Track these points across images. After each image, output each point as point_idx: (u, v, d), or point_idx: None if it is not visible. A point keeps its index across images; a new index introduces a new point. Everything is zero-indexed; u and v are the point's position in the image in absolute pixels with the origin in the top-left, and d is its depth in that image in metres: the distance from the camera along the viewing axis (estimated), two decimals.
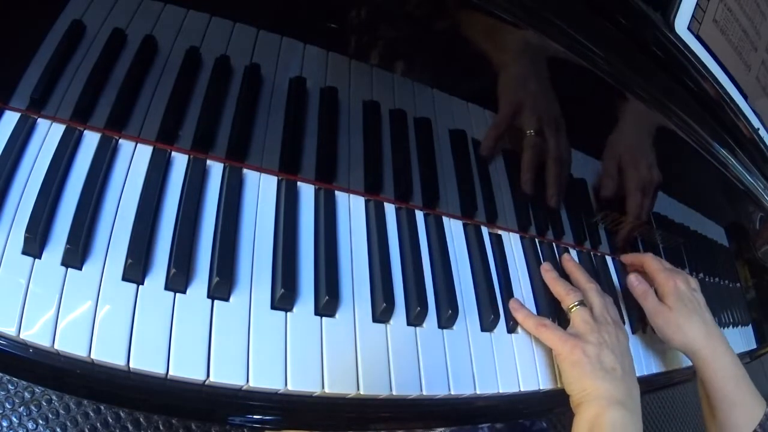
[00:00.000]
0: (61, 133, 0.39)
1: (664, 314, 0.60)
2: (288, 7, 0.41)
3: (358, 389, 0.40)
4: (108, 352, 0.33)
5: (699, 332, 0.59)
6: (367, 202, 0.50)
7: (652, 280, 0.63)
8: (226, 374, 0.36)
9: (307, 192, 0.47)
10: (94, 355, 0.33)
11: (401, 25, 0.42)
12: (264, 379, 0.37)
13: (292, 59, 0.43)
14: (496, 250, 0.56)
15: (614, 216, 0.65)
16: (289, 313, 0.40)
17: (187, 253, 0.38)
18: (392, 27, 0.42)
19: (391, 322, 0.45)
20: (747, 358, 0.94)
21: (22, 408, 0.85)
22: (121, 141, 0.41)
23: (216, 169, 0.44)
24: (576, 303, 0.54)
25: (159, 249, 0.38)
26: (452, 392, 0.44)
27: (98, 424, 0.89)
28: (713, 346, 0.59)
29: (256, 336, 0.38)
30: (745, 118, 0.57)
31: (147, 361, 0.34)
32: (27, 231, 0.34)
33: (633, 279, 0.63)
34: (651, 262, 0.64)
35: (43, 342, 0.32)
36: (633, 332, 0.66)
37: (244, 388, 0.37)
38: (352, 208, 0.49)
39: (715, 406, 0.59)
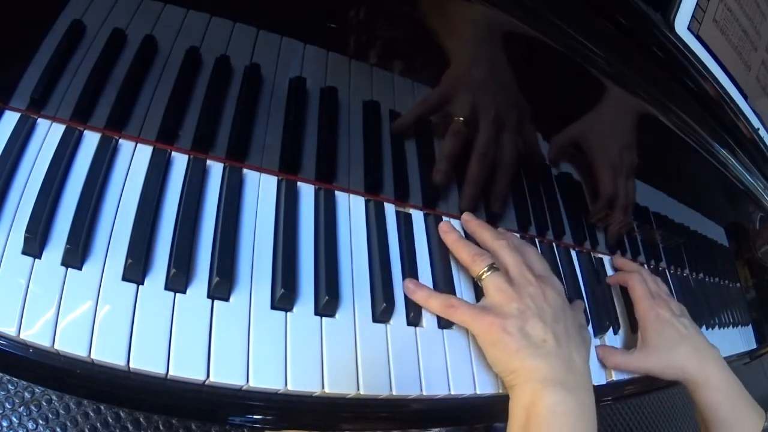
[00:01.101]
0: (61, 133, 0.39)
1: (647, 360, 0.57)
2: (288, 7, 0.41)
3: (358, 389, 0.40)
4: (108, 352, 0.33)
5: (687, 360, 0.57)
6: (367, 202, 0.50)
7: (634, 304, 0.61)
8: (226, 374, 0.36)
9: (307, 192, 0.47)
10: (94, 355, 0.33)
11: (401, 25, 0.42)
12: (264, 379, 0.37)
13: (292, 59, 0.43)
14: None
15: (604, 213, 0.64)
16: (289, 313, 0.40)
17: (187, 253, 0.39)
18: (392, 27, 0.42)
19: (391, 322, 0.45)
20: (747, 358, 0.94)
21: (22, 408, 0.85)
22: (121, 141, 0.41)
23: (216, 169, 0.44)
24: (485, 269, 0.46)
25: (159, 249, 0.38)
26: (452, 392, 0.44)
27: (98, 424, 0.88)
28: (705, 370, 0.57)
29: (256, 336, 0.38)
30: (745, 118, 0.57)
31: (147, 361, 0.34)
32: (27, 231, 0.34)
33: (598, 351, 0.57)
34: (636, 286, 0.61)
35: (43, 342, 0.32)
36: (633, 333, 0.66)
37: (244, 388, 0.37)
38: (352, 208, 0.49)
39: (712, 429, 0.57)
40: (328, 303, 0.41)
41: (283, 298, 0.40)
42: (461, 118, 0.46)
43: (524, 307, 0.44)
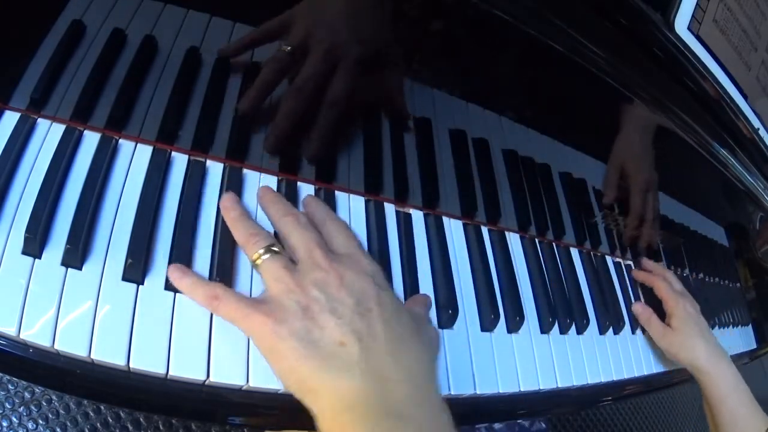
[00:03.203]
0: (61, 133, 0.39)
1: (668, 337, 0.64)
2: (288, 7, 0.41)
3: None
4: (108, 352, 0.33)
5: (702, 351, 0.63)
6: (367, 202, 0.50)
7: (660, 299, 0.68)
8: (226, 374, 0.36)
9: (307, 192, 0.47)
10: (94, 355, 0.33)
11: (400, 26, 0.42)
12: (264, 379, 0.37)
13: None
14: (497, 250, 0.56)
15: (614, 216, 0.65)
16: None
17: (187, 253, 0.38)
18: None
19: None
20: (747, 359, 0.94)
21: (22, 408, 0.85)
22: (121, 141, 0.41)
23: (216, 169, 0.44)
24: (261, 252, 0.35)
25: (159, 249, 0.38)
26: (452, 392, 0.44)
27: (98, 424, 0.89)
28: (716, 363, 0.62)
29: None
30: (745, 118, 0.57)
31: (147, 361, 0.34)
32: (27, 231, 0.34)
33: (637, 307, 0.67)
34: (661, 284, 0.69)
35: (43, 342, 0.32)
36: (633, 332, 0.66)
37: (244, 388, 0.37)
38: (352, 208, 0.49)
39: (718, 422, 0.61)
40: None
41: None
42: (288, 47, 0.40)
43: (308, 300, 0.33)
